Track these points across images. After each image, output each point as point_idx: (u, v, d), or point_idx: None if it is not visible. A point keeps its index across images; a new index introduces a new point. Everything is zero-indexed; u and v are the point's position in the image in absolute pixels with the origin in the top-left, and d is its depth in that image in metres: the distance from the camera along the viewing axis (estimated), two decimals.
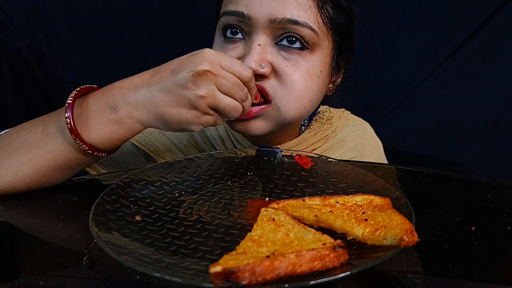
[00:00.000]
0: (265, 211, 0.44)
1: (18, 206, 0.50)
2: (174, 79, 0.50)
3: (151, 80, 0.51)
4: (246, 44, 0.61)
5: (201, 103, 0.50)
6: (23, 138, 0.53)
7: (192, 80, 0.49)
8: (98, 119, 0.51)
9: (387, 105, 1.33)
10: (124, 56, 1.31)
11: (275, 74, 0.60)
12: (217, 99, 0.50)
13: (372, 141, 0.83)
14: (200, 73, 0.49)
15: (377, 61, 1.26)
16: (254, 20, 0.59)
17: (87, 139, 0.51)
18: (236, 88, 0.52)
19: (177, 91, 0.50)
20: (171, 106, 0.50)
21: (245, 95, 0.53)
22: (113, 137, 0.52)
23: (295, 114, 0.62)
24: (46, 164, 0.52)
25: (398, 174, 0.65)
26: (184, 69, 0.49)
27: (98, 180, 0.62)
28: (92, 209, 0.42)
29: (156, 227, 0.43)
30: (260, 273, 0.32)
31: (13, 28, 1.25)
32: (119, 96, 0.51)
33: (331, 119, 0.80)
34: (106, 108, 0.51)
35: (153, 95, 0.50)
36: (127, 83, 0.52)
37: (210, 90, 0.49)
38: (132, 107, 0.51)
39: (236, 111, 0.53)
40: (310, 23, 0.59)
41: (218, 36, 0.65)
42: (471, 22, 1.23)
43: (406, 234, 0.35)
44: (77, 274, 0.39)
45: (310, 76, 0.62)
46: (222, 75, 0.50)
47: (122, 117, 0.51)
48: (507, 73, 1.24)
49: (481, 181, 0.61)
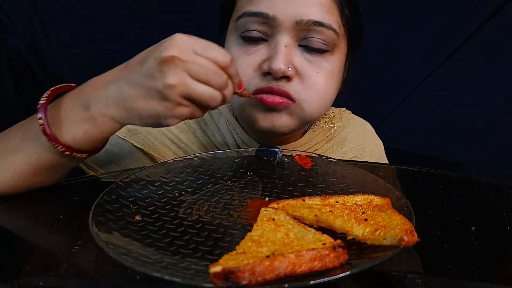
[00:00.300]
0: (265, 211, 0.44)
1: (18, 206, 0.50)
2: (141, 70, 0.46)
3: (121, 74, 0.48)
4: (269, 46, 0.61)
5: (171, 93, 0.45)
6: (5, 144, 0.52)
7: (158, 69, 0.44)
8: (71, 119, 0.49)
9: (387, 105, 1.33)
10: (124, 56, 1.29)
11: (298, 77, 0.61)
12: (189, 87, 0.45)
13: (373, 140, 0.83)
14: (167, 59, 0.44)
15: (377, 61, 1.26)
16: (279, 21, 0.59)
17: (63, 141, 0.49)
18: (212, 74, 0.46)
19: (144, 83, 0.46)
20: (140, 100, 0.46)
21: (224, 82, 0.48)
22: (87, 137, 0.49)
23: (317, 113, 0.65)
24: (27, 169, 0.51)
25: (398, 174, 0.65)
26: (150, 58, 0.46)
27: (98, 180, 0.62)
28: (92, 209, 0.42)
29: (156, 227, 0.43)
30: (260, 273, 0.32)
31: (13, 28, 1.25)
32: (91, 93, 0.49)
33: (333, 119, 0.80)
34: (78, 107, 0.49)
35: (121, 90, 0.47)
36: (99, 80, 0.50)
37: (180, 78, 0.45)
38: (103, 104, 0.48)
39: (214, 99, 0.47)
40: (333, 25, 0.61)
41: (233, 37, 0.64)
42: (471, 22, 1.23)
43: (406, 234, 0.35)
44: (77, 274, 0.39)
45: (331, 77, 0.64)
46: (193, 60, 0.45)
47: (94, 116, 0.48)
48: (507, 73, 1.24)
49: (481, 181, 0.61)
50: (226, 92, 0.49)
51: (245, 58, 0.62)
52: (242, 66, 0.61)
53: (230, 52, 0.63)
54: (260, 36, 0.61)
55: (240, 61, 0.62)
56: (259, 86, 0.60)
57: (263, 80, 0.60)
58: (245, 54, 0.62)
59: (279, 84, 0.60)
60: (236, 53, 0.63)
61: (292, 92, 0.60)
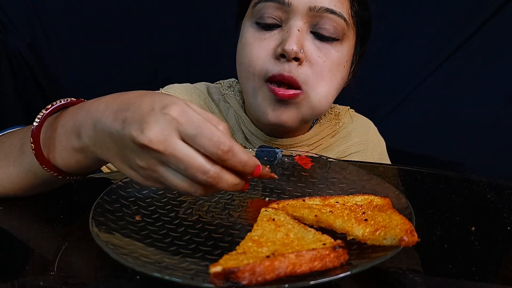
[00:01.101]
0: (265, 211, 0.44)
1: (18, 206, 0.50)
2: (121, 132, 0.39)
3: (110, 117, 0.41)
4: (283, 30, 0.65)
5: (142, 173, 0.40)
6: (6, 150, 0.50)
7: (131, 147, 0.39)
8: (64, 146, 0.45)
9: (387, 105, 1.33)
10: (124, 56, 1.31)
11: (308, 63, 0.65)
12: (161, 175, 0.38)
13: (375, 137, 0.85)
14: (143, 144, 0.37)
15: (377, 61, 1.26)
16: (293, 7, 0.63)
17: (55, 163, 0.46)
18: (192, 170, 0.37)
19: (121, 146, 0.40)
20: (117, 158, 0.41)
21: (205, 180, 0.37)
22: (80, 166, 0.47)
23: (325, 105, 0.68)
24: (24, 182, 0.49)
25: (398, 174, 0.65)
26: (130, 128, 0.38)
27: (98, 180, 0.62)
28: (92, 209, 0.42)
29: (156, 227, 0.43)
30: (260, 273, 0.32)
31: (13, 28, 1.25)
32: (83, 122, 0.44)
33: (338, 115, 0.82)
34: (71, 133, 0.45)
35: (104, 137, 0.42)
36: (93, 109, 0.44)
37: (152, 164, 0.38)
38: (90, 142, 0.43)
39: (188, 193, 0.39)
40: (344, 14, 0.65)
41: (249, 23, 0.68)
42: (471, 22, 1.23)
43: (406, 234, 0.35)
44: (77, 275, 0.39)
45: (338, 65, 0.67)
46: (173, 152, 0.36)
47: (84, 148, 0.44)
48: (507, 73, 1.24)
49: (481, 181, 0.61)
50: (220, 186, 0.38)
51: (259, 43, 0.66)
52: (256, 51, 0.66)
53: (245, 38, 0.68)
54: (274, 22, 0.65)
55: (254, 46, 0.66)
56: (271, 74, 0.64)
57: (276, 65, 0.64)
58: (259, 40, 0.66)
59: (291, 67, 0.63)
60: (251, 39, 0.67)
61: (301, 77, 0.64)
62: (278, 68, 0.64)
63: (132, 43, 1.31)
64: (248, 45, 0.67)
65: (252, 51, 0.66)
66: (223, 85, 0.84)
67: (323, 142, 0.78)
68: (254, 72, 0.66)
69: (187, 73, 1.30)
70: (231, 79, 0.84)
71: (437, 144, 1.31)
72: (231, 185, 0.38)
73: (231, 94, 0.81)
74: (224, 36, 0.75)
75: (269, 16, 0.65)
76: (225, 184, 0.38)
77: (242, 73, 0.69)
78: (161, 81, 0.86)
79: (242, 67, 0.68)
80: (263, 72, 0.65)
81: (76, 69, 1.32)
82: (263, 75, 0.65)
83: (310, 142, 0.77)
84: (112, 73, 1.32)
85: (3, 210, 0.50)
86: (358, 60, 0.74)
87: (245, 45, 0.67)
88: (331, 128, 0.80)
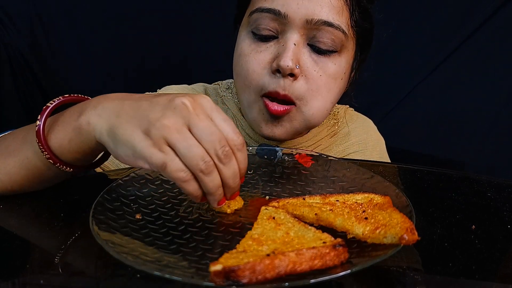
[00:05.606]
0: (266, 210, 0.44)
1: (18, 205, 0.50)
2: (153, 99, 0.42)
3: (136, 97, 0.44)
4: (279, 43, 0.63)
5: (157, 130, 0.39)
6: (7, 144, 0.51)
7: (165, 105, 0.41)
8: (65, 125, 0.46)
9: (388, 104, 1.33)
10: (124, 56, 1.31)
11: (303, 77, 0.63)
12: (176, 141, 0.39)
13: (375, 136, 0.84)
14: (179, 103, 0.40)
15: (378, 60, 1.26)
16: (290, 19, 0.61)
17: (51, 146, 0.47)
18: (214, 137, 0.40)
19: (144, 108, 0.42)
20: (129, 122, 0.41)
21: (223, 154, 0.40)
22: (70, 147, 0.46)
23: (318, 117, 0.66)
24: (19, 173, 0.49)
25: (398, 173, 0.65)
26: (168, 96, 0.42)
27: (98, 178, 0.62)
28: (92, 207, 0.42)
29: (156, 226, 0.43)
30: (261, 271, 0.32)
31: (14, 29, 1.25)
32: (96, 101, 0.45)
33: (337, 115, 0.82)
34: (75, 113, 0.46)
35: (122, 105, 0.43)
36: (118, 94, 0.46)
37: (178, 124, 0.39)
38: (95, 112, 0.44)
39: (197, 165, 0.39)
40: (342, 26, 0.62)
41: (245, 32, 0.66)
42: (471, 22, 1.23)
43: (407, 232, 0.35)
44: (77, 273, 0.39)
45: (335, 79, 0.65)
46: (202, 117, 0.40)
47: (82, 124, 0.45)
48: (507, 73, 1.24)
49: (481, 179, 0.61)
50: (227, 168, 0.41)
51: (255, 55, 0.64)
52: (252, 64, 0.64)
53: (241, 47, 0.66)
54: (270, 34, 0.63)
55: (250, 58, 0.64)
56: (267, 91, 0.63)
57: (272, 80, 0.63)
58: (255, 52, 0.64)
59: (285, 84, 0.62)
60: (247, 49, 0.65)
61: (295, 93, 0.62)
62: (274, 85, 0.62)
63: (132, 43, 1.31)
64: (244, 56, 0.65)
65: (248, 64, 0.64)
66: (221, 86, 0.83)
67: (322, 143, 0.78)
68: (250, 86, 0.65)
69: (187, 73, 1.30)
70: (229, 80, 0.84)
71: (437, 142, 1.31)
72: (231, 176, 0.41)
73: (229, 96, 0.80)
74: (224, 36, 0.75)
75: (265, 27, 0.62)
76: (231, 168, 0.41)
77: (238, 84, 0.68)
78: (160, 82, 0.85)
79: (239, 78, 0.67)
80: (259, 87, 0.64)
81: (77, 69, 1.32)
82: (259, 90, 0.64)
83: (309, 143, 0.76)
84: (112, 73, 1.32)
85: (3, 208, 0.50)
86: (358, 66, 0.72)
87: (241, 56, 0.66)
88: (330, 128, 0.79)
